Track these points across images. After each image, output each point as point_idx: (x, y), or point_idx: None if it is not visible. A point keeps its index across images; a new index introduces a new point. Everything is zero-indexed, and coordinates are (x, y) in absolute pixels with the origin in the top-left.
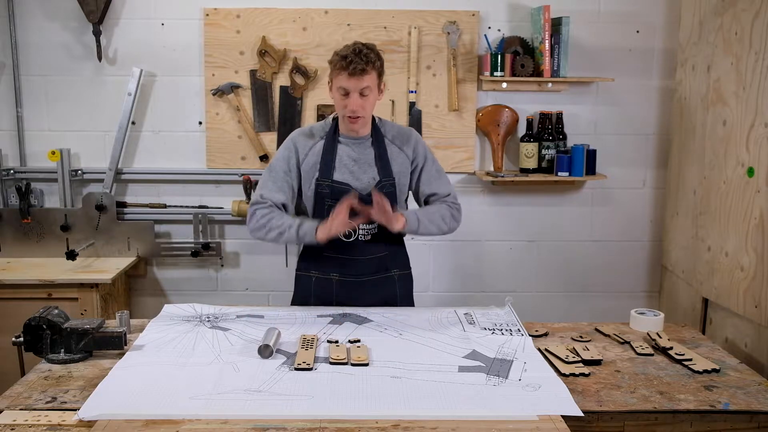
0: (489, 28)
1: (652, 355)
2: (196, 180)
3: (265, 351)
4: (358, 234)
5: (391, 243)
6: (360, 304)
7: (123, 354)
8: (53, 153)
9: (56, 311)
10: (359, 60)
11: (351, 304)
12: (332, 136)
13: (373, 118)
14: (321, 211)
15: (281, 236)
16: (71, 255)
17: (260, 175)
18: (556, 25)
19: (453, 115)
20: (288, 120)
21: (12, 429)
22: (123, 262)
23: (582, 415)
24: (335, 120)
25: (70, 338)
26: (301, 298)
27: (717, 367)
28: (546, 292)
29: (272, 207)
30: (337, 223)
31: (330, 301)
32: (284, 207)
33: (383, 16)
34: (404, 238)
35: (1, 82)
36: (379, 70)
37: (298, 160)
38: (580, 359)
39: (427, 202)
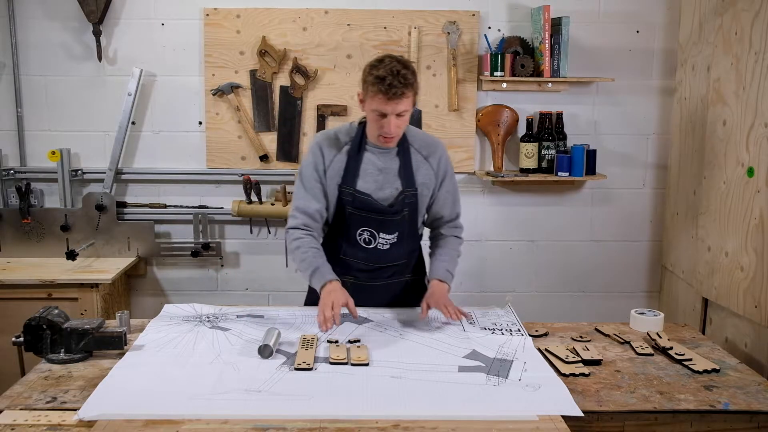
0: (489, 28)
1: (652, 355)
2: (196, 180)
3: (265, 351)
4: (378, 242)
5: (409, 252)
6: (371, 305)
7: (123, 354)
8: (53, 153)
9: (56, 311)
10: (398, 83)
11: (362, 305)
12: (358, 143)
13: None
14: (341, 217)
15: (300, 270)
16: (71, 255)
17: (260, 174)
18: (556, 25)
19: (453, 115)
20: (288, 120)
21: (12, 429)
22: (123, 262)
23: (582, 415)
24: (361, 125)
25: (70, 338)
26: (315, 298)
27: (717, 367)
28: (546, 292)
29: (306, 231)
30: (324, 310)
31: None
32: (319, 215)
33: (383, 16)
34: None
35: (1, 82)
36: (416, 89)
37: (324, 166)
38: (580, 359)
39: (432, 223)
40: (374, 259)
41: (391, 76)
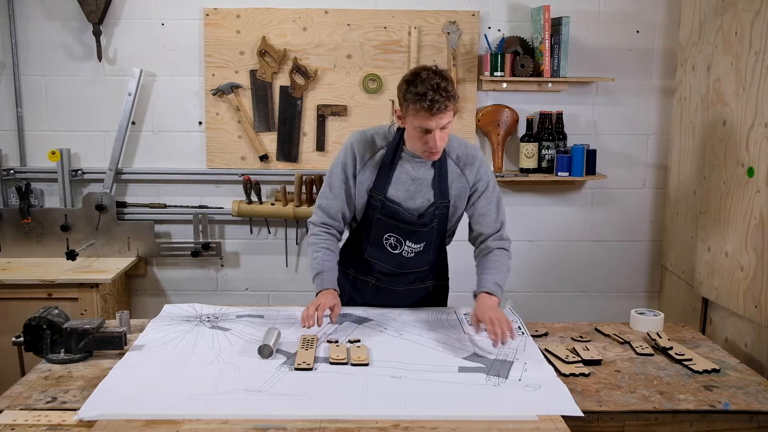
0: (489, 28)
1: (652, 355)
2: (196, 180)
3: (265, 351)
4: (404, 249)
5: (433, 260)
6: (389, 307)
7: (123, 354)
8: (53, 153)
9: (56, 311)
10: (440, 97)
11: (381, 306)
12: (394, 149)
13: None
14: (369, 221)
15: (309, 266)
16: (71, 255)
17: (260, 175)
18: (556, 25)
19: None
20: (288, 120)
21: (12, 429)
22: (123, 262)
23: (582, 415)
24: (400, 130)
25: (70, 338)
26: None
27: (717, 367)
28: (546, 292)
29: (324, 229)
30: (310, 307)
31: (362, 302)
32: (341, 215)
33: (383, 16)
34: (447, 247)
35: (1, 82)
36: (457, 98)
37: (355, 168)
38: (580, 359)
39: (476, 238)
40: (397, 264)
41: (432, 92)
